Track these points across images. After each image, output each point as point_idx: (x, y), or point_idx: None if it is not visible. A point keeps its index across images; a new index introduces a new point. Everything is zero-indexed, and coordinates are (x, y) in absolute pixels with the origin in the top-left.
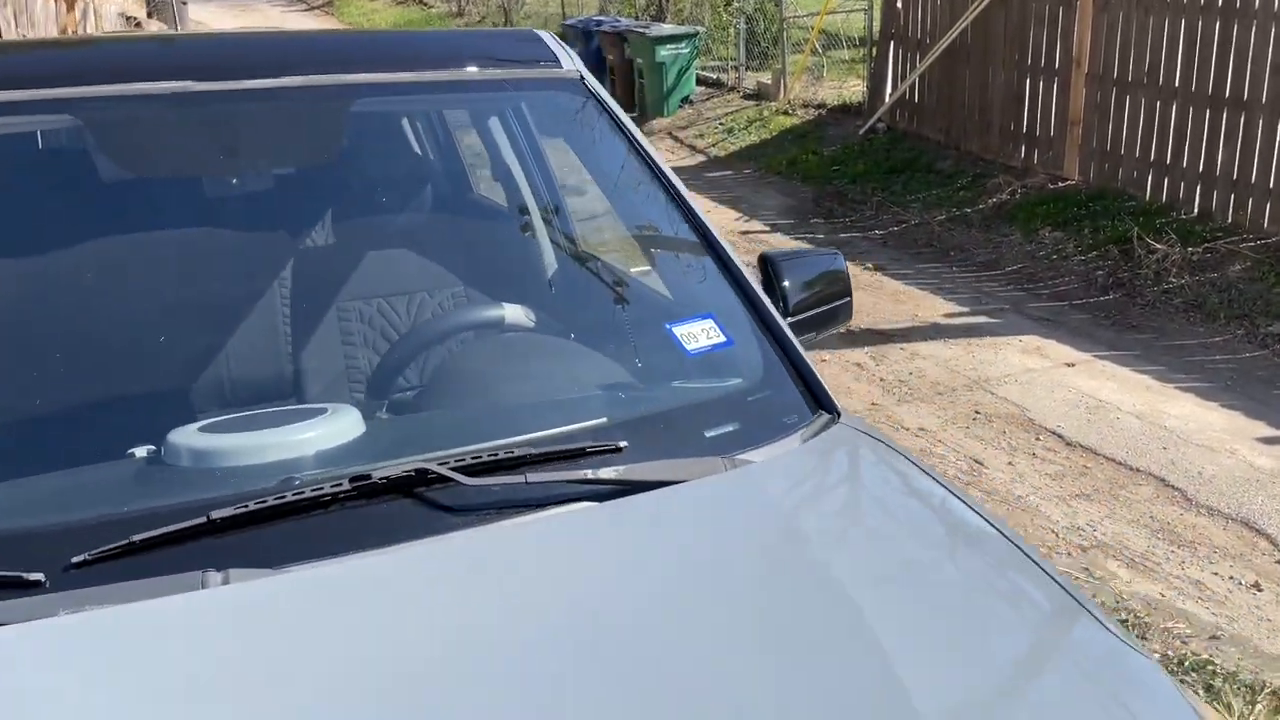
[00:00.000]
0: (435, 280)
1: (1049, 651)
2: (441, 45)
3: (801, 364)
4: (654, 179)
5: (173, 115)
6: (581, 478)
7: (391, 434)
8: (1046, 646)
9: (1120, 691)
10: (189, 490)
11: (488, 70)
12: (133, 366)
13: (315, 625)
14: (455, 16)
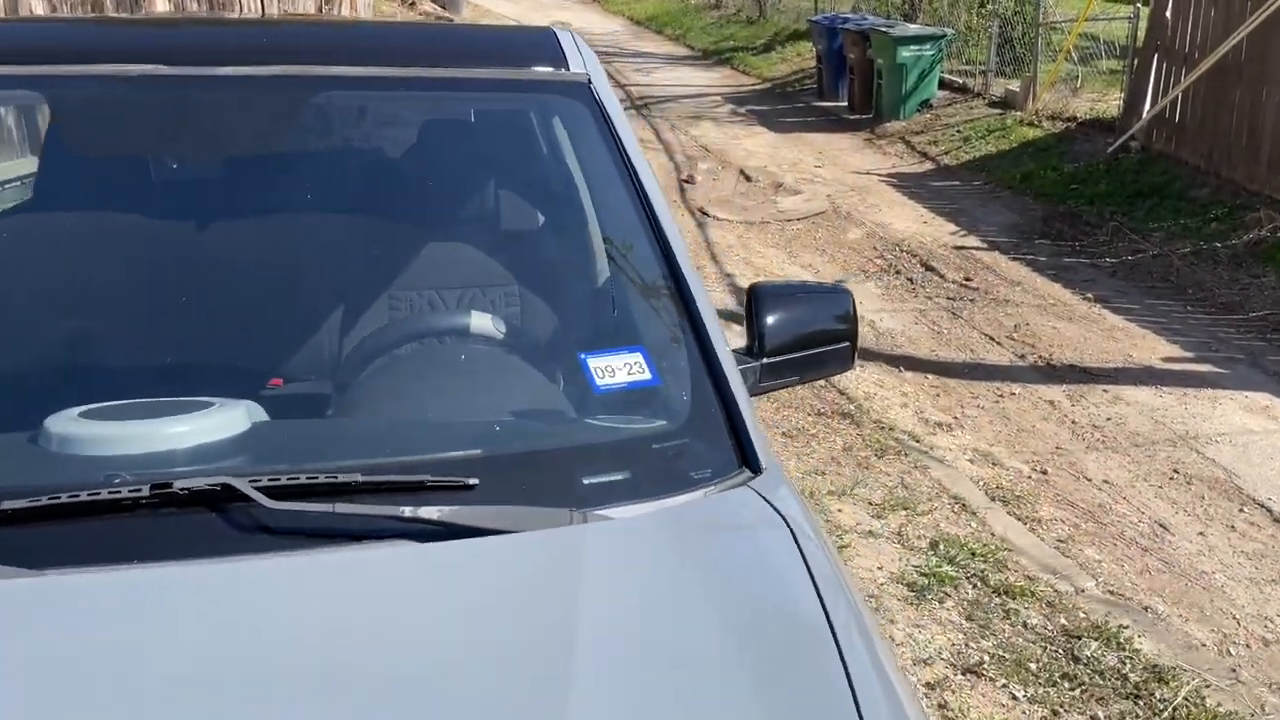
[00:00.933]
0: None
1: None
2: (445, 41)
3: (737, 412)
4: (632, 197)
5: (135, 97)
6: (395, 514)
7: (268, 438)
8: None
9: None
10: (27, 474)
11: (487, 69)
12: (45, 345)
13: (30, 636)
14: (713, 8)
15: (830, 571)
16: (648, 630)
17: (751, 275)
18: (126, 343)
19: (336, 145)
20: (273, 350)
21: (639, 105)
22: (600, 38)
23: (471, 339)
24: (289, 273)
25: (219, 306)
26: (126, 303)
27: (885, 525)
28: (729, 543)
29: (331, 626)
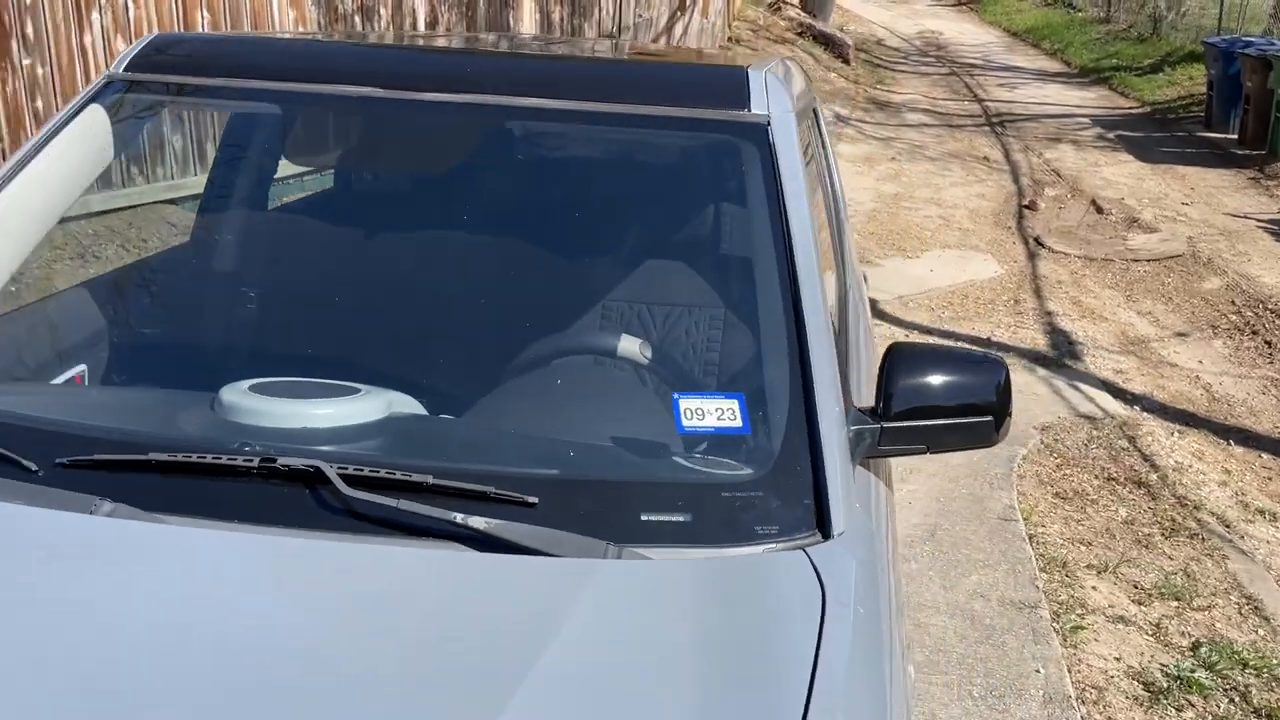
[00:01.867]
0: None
1: None
2: (635, 77)
3: (822, 473)
4: (776, 243)
5: (357, 115)
6: (448, 519)
7: (390, 429)
8: None
9: None
10: (197, 433)
11: (670, 107)
12: (244, 325)
13: (117, 574)
14: (1101, 23)
15: (844, 657)
16: (604, 671)
17: (1076, 316)
18: (310, 330)
19: (524, 166)
20: (436, 350)
21: (994, 123)
22: (970, 49)
23: (615, 361)
24: (464, 281)
25: (405, 308)
26: (317, 296)
27: (1144, 614)
28: (748, 604)
29: (331, 608)
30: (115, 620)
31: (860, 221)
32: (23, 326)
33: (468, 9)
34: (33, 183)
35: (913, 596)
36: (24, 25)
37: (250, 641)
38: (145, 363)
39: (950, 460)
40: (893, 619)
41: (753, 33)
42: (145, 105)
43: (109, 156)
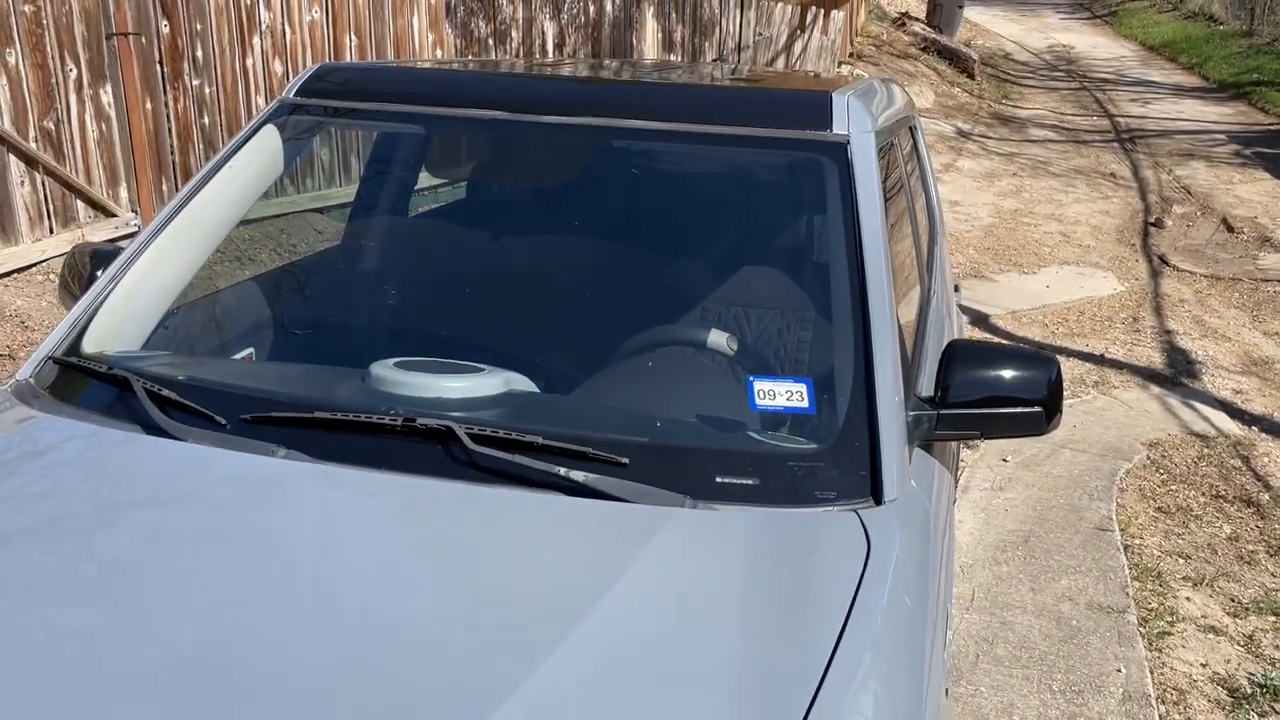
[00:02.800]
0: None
1: None
2: (729, 100)
3: (878, 449)
4: (850, 252)
5: (486, 135)
6: (553, 471)
7: (509, 400)
8: None
9: None
10: (348, 398)
11: (758, 128)
12: (393, 313)
13: (290, 501)
14: (1243, 36)
15: (882, 603)
16: (667, 593)
17: (1198, 335)
18: (445, 319)
19: (629, 180)
20: (549, 338)
21: (1124, 138)
22: (1102, 63)
23: (704, 352)
24: (574, 280)
25: (524, 301)
26: (450, 290)
27: (1237, 625)
28: (799, 549)
29: (452, 534)
30: (281, 534)
31: (977, 237)
32: (206, 314)
33: (593, 30)
34: (218, 190)
35: (1000, 597)
36: (194, 49)
37: (383, 549)
38: (306, 344)
39: (1051, 471)
40: (939, 584)
41: (876, 48)
42: (310, 125)
43: (279, 170)
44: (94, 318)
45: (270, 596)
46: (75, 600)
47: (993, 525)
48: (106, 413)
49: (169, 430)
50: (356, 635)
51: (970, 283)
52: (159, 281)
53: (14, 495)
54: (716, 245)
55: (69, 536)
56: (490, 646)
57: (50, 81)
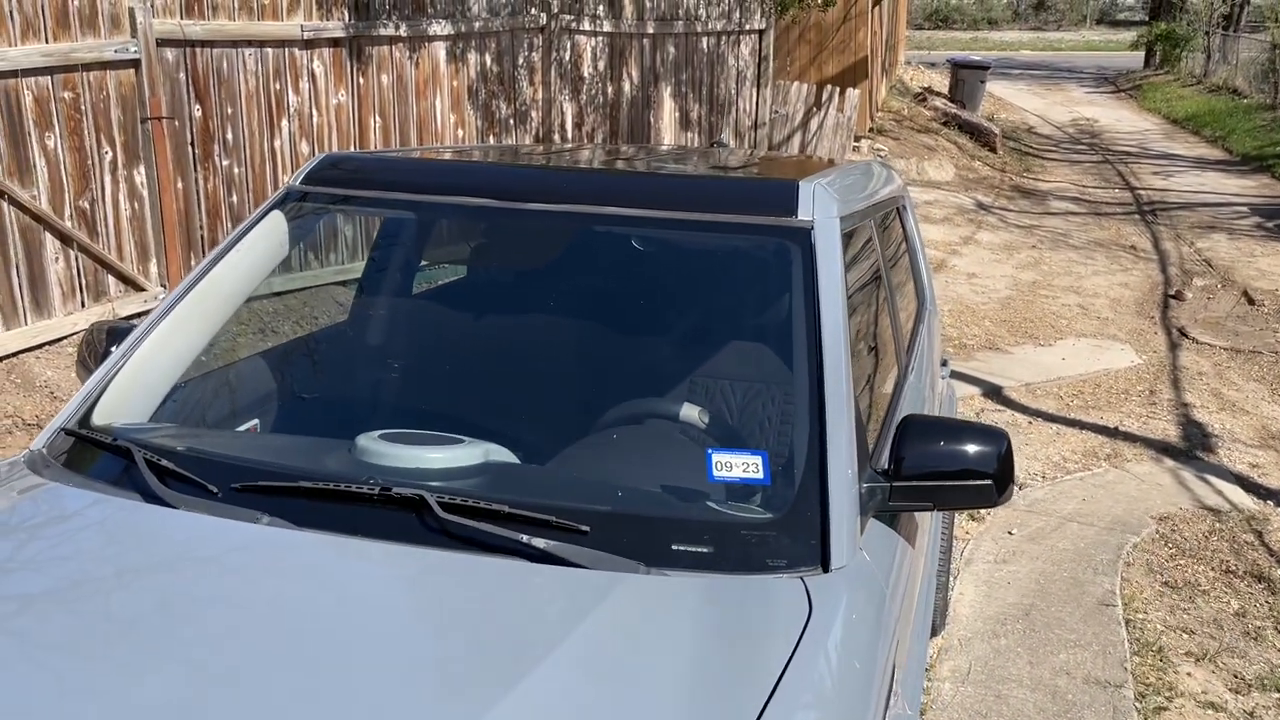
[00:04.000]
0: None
1: None
2: (701, 189)
3: (828, 520)
4: (810, 333)
5: (477, 220)
6: (515, 538)
7: (488, 471)
8: None
9: None
10: (335, 468)
11: (728, 214)
12: (381, 386)
13: (270, 564)
14: (1267, 109)
15: (819, 668)
16: (611, 650)
17: (1215, 408)
18: (431, 393)
19: (608, 261)
20: (529, 411)
21: (1145, 210)
22: (1125, 137)
23: (676, 425)
24: (554, 356)
25: (507, 376)
26: (438, 365)
27: (1239, 702)
28: (743, 614)
29: (420, 596)
30: (252, 596)
31: (993, 309)
32: (212, 386)
33: (611, 110)
34: (227, 271)
35: (996, 670)
36: (225, 132)
37: (352, 608)
38: (302, 416)
39: (1057, 544)
40: (889, 650)
41: (896, 123)
42: (315, 210)
43: (285, 252)
44: (105, 391)
45: (242, 654)
46: (54, 648)
47: (994, 598)
48: (111, 481)
49: (165, 499)
50: (313, 691)
51: (985, 355)
52: (169, 356)
53: (13, 559)
54: (690, 324)
55: (58, 597)
56: (440, 698)
57: (86, 163)
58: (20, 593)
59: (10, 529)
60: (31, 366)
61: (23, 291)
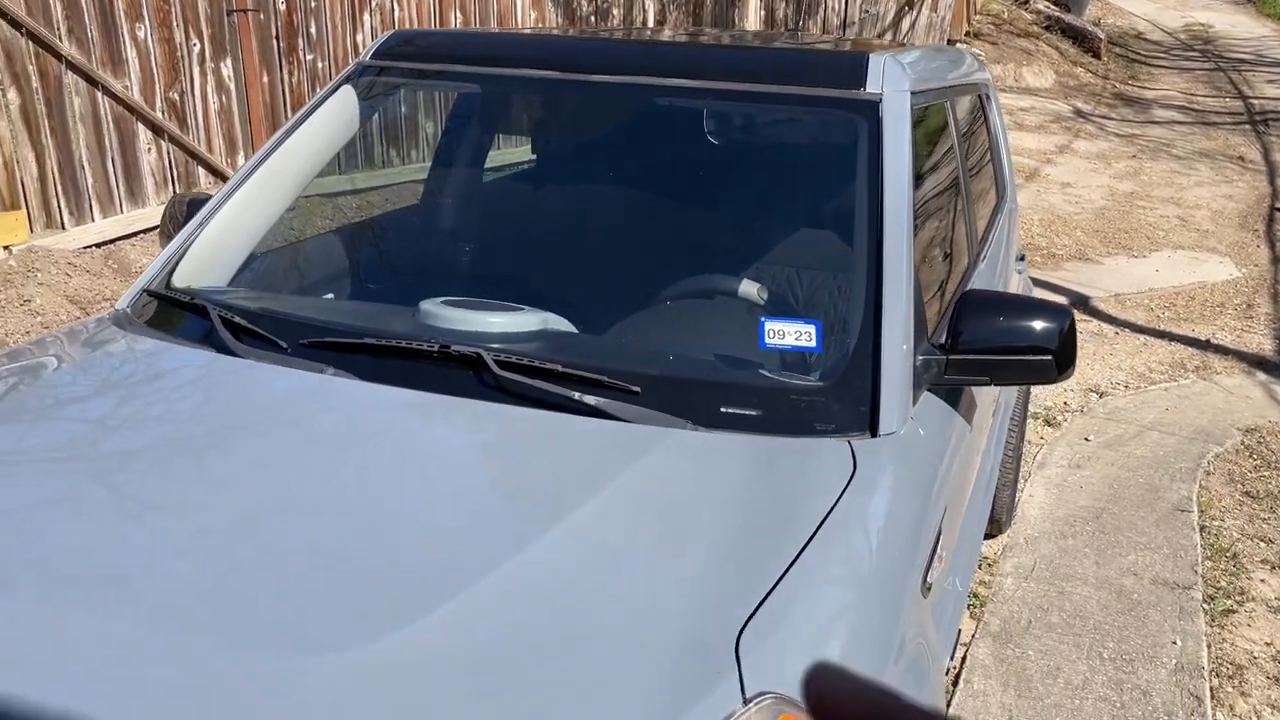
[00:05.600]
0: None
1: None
2: (767, 60)
3: (878, 388)
4: (872, 204)
5: (542, 93)
6: (567, 395)
7: (541, 335)
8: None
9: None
10: (398, 329)
11: (796, 86)
12: (447, 258)
13: (335, 411)
14: None
15: (859, 523)
16: (646, 509)
17: None
18: (494, 264)
19: (672, 139)
20: (588, 283)
21: (1256, 121)
22: (1241, 44)
23: (733, 299)
24: (614, 229)
25: (568, 248)
26: (502, 239)
27: None
28: (787, 470)
29: (472, 443)
30: (326, 426)
31: (1086, 219)
32: (286, 258)
33: (694, 7)
34: (300, 144)
35: (1061, 569)
36: (308, 26)
37: (409, 448)
38: (370, 286)
39: (1134, 451)
40: (929, 516)
41: (994, 27)
42: (385, 87)
43: (355, 127)
44: (184, 257)
45: (301, 479)
46: (143, 480)
47: (1065, 500)
48: (189, 338)
49: (238, 352)
50: (372, 513)
51: (1073, 265)
52: (243, 225)
53: (108, 403)
54: (752, 200)
55: (153, 429)
56: (485, 530)
57: (176, 55)
58: (109, 434)
59: (99, 378)
60: (128, 253)
61: (118, 180)
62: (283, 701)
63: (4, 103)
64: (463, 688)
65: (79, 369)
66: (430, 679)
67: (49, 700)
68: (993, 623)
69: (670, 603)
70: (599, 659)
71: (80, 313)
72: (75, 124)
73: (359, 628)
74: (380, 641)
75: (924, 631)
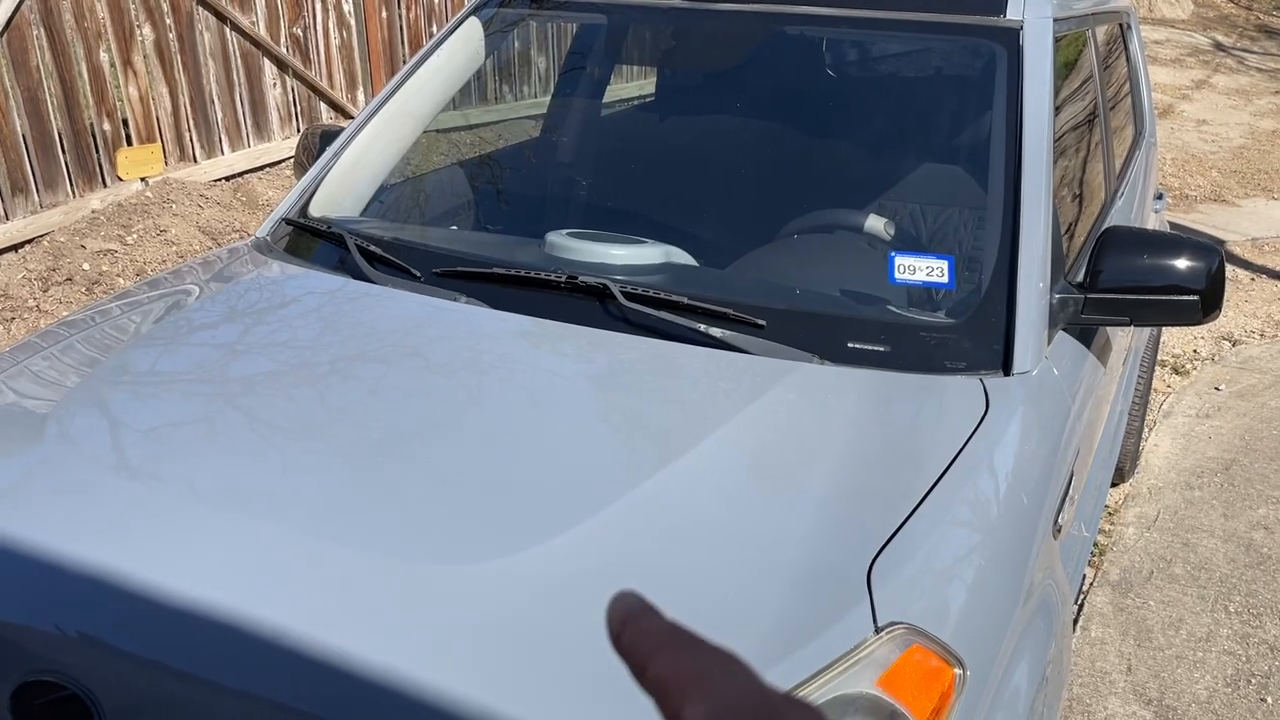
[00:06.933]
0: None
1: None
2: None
3: (1012, 325)
4: (1011, 139)
5: (671, 22)
6: (693, 327)
7: (666, 269)
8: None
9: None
10: (524, 259)
11: (932, 14)
12: (572, 190)
13: (468, 336)
14: None
15: (989, 460)
16: (774, 441)
17: None
18: (619, 198)
19: (803, 70)
20: (712, 218)
21: None
22: None
23: (860, 235)
24: (740, 163)
25: (693, 183)
26: (626, 173)
27: None
28: (918, 408)
29: (601, 371)
30: (461, 349)
31: (1223, 159)
32: (415, 189)
33: None
34: (428, 77)
35: (1186, 520)
36: None
37: (537, 373)
38: (497, 217)
39: (1268, 402)
40: (1065, 459)
41: None
42: (510, 20)
43: (481, 60)
44: (320, 187)
45: (447, 397)
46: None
47: (1192, 450)
48: (326, 264)
49: (374, 279)
50: (504, 437)
51: (1208, 208)
52: (376, 156)
53: (255, 325)
54: (885, 131)
55: (288, 351)
56: (618, 457)
57: None
58: (250, 354)
59: (243, 301)
60: (255, 186)
61: (246, 114)
62: (424, 603)
63: (140, 39)
64: (592, 602)
65: (221, 294)
66: (562, 593)
67: (205, 598)
68: (1112, 572)
69: (801, 531)
70: (732, 582)
71: (212, 243)
72: (206, 59)
73: (493, 541)
74: (516, 555)
75: (1053, 573)
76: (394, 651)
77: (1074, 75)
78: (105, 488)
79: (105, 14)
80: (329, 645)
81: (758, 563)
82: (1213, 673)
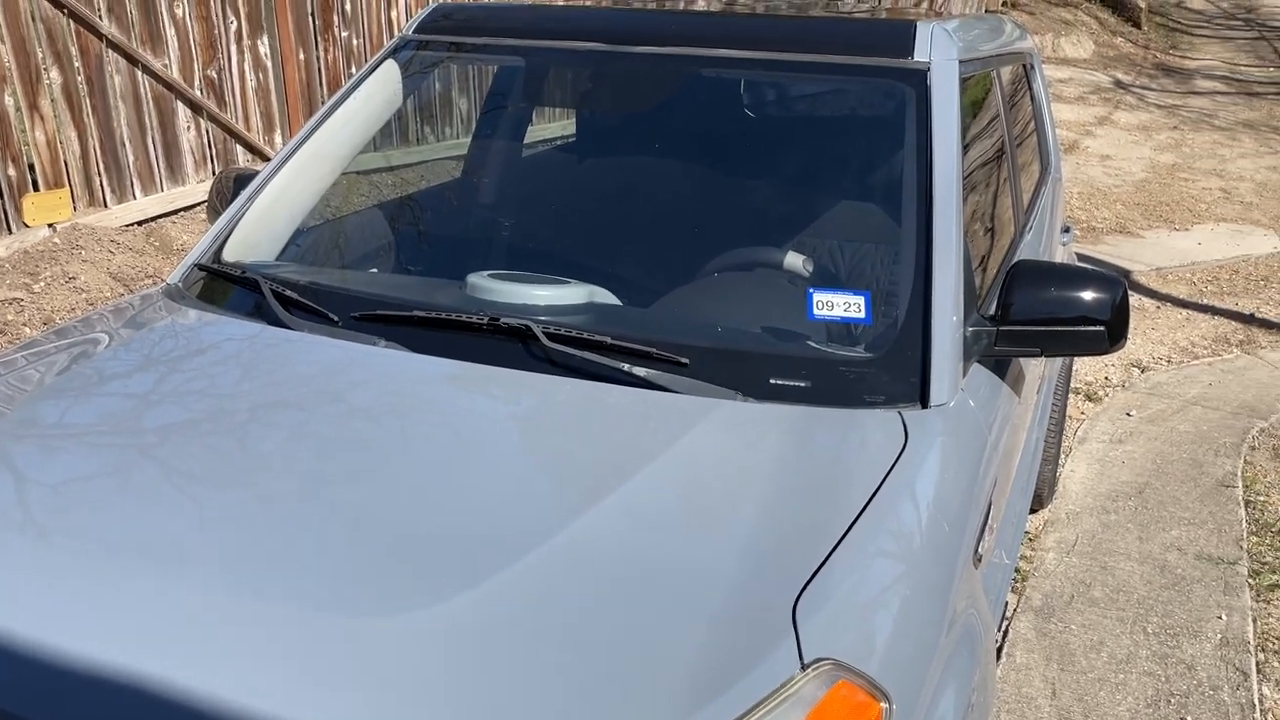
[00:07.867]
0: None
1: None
2: (811, 29)
3: (928, 358)
4: (921, 174)
5: (587, 65)
6: (616, 366)
7: (588, 309)
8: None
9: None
10: (444, 301)
11: (840, 56)
12: (492, 232)
13: (385, 379)
14: None
15: (910, 493)
16: (698, 479)
17: None
18: (538, 239)
19: (717, 111)
20: (633, 257)
21: None
22: None
23: (780, 272)
24: (658, 202)
25: (611, 222)
26: (545, 213)
27: None
28: (837, 441)
29: (524, 412)
30: (380, 395)
31: (1127, 192)
32: (332, 232)
33: None
34: (344, 119)
35: (1104, 544)
36: (344, 3)
37: (459, 417)
38: (417, 259)
39: (1177, 427)
40: (983, 490)
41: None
42: (429, 62)
43: (399, 102)
44: (233, 231)
45: (362, 445)
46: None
47: (1107, 476)
48: (241, 310)
49: (290, 325)
50: (427, 482)
51: (1114, 239)
52: (291, 200)
53: (165, 375)
54: (799, 172)
55: (204, 400)
56: (539, 500)
57: (213, 33)
58: (164, 403)
59: (153, 351)
60: (169, 231)
61: (159, 158)
62: (355, 658)
63: (47, 82)
64: (523, 649)
65: (133, 342)
66: (492, 640)
67: (122, 662)
68: (1035, 597)
69: (726, 570)
70: (656, 623)
71: (124, 289)
72: (116, 102)
73: (421, 590)
74: (444, 604)
75: (976, 601)
76: (318, 706)
77: (981, 114)
78: (8, 547)
79: (10, 57)
80: (252, 707)
81: (683, 603)
82: (1134, 694)
